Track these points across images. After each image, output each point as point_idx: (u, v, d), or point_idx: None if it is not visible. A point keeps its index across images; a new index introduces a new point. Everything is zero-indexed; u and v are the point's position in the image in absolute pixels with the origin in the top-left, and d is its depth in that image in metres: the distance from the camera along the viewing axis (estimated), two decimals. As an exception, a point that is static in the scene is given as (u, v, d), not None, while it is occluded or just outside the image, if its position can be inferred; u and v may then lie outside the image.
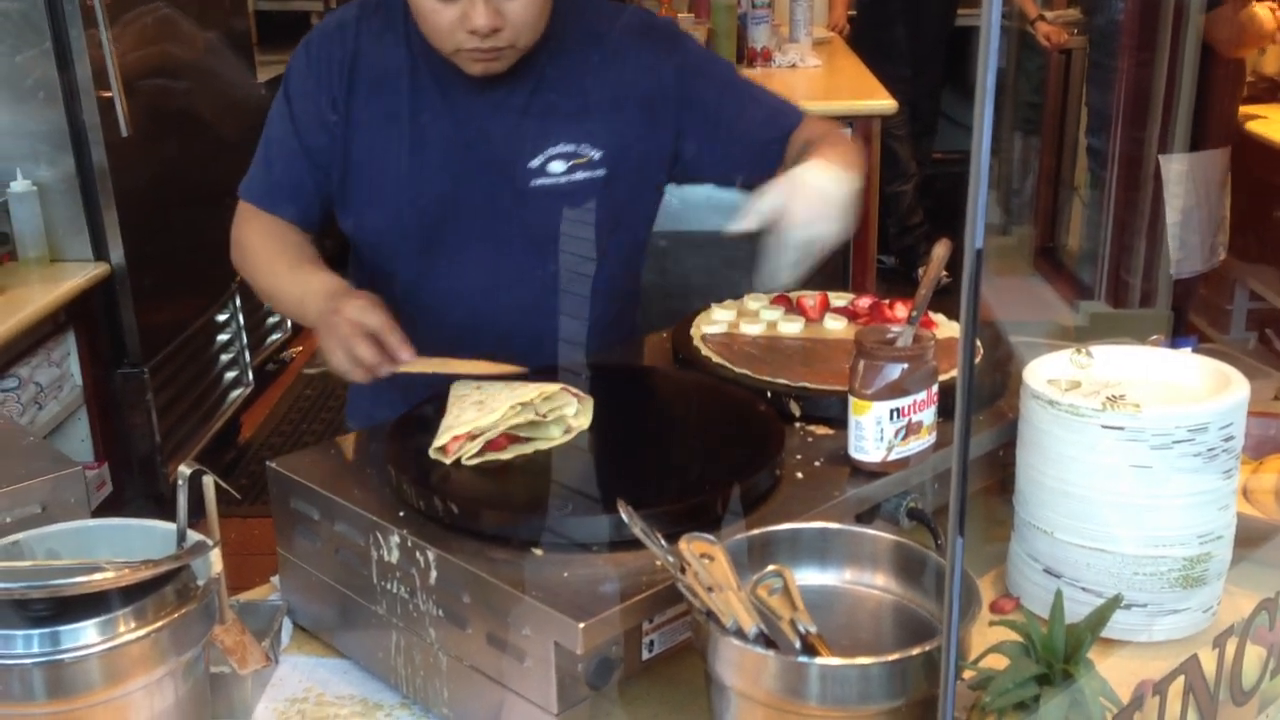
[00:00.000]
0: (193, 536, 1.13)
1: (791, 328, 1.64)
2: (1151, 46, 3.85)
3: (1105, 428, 1.22)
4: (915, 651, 0.98)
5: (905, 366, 1.29)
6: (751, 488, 1.25)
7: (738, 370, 1.51)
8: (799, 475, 1.32)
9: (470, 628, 1.15)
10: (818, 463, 1.35)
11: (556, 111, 1.62)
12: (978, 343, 1.51)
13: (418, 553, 1.18)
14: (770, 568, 1.07)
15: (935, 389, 1.32)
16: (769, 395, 1.45)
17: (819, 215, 1.41)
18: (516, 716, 1.13)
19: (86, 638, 1.02)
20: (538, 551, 1.16)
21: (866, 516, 1.31)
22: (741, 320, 1.66)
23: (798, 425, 1.43)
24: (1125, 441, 1.22)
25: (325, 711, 1.25)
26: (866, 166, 1.69)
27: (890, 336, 1.33)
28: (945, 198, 5.51)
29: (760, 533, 1.16)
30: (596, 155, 1.62)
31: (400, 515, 1.23)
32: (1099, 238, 4.27)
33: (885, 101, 3.79)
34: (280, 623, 1.34)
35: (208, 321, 3.78)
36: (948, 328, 1.61)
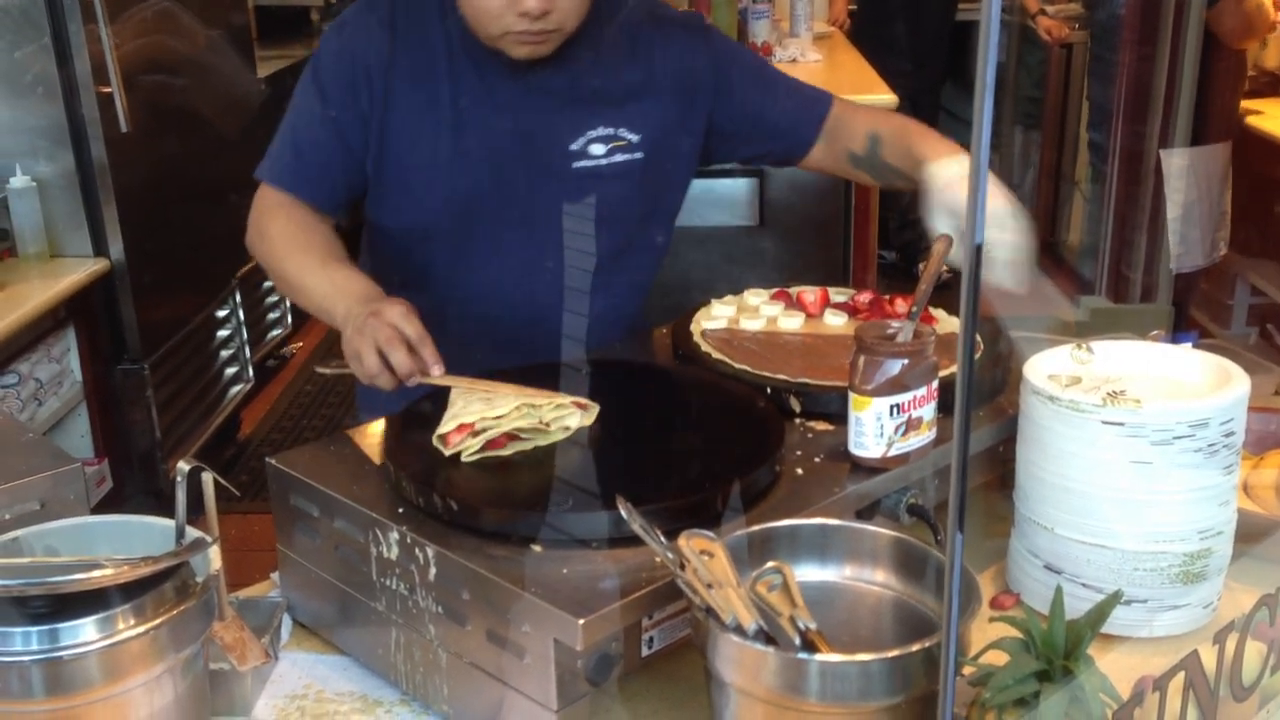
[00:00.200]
0: (192, 533, 1.13)
1: (791, 323, 1.63)
2: (1153, 41, 3.84)
3: (1105, 423, 1.22)
4: (915, 648, 0.98)
5: (905, 362, 1.28)
6: (751, 484, 1.25)
7: (738, 366, 1.51)
8: (799, 471, 1.32)
9: (470, 624, 1.15)
10: (817, 459, 1.34)
11: (595, 96, 1.64)
12: (978, 338, 1.51)
13: (417, 549, 1.18)
14: (770, 564, 1.07)
15: (935, 384, 1.32)
16: (769, 391, 1.45)
17: (1002, 214, 1.45)
18: (516, 713, 1.13)
19: (85, 635, 1.02)
20: (537, 548, 1.16)
21: (866, 512, 1.31)
22: (741, 316, 1.66)
23: (798, 421, 1.43)
24: (1126, 437, 1.22)
25: (325, 708, 1.25)
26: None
27: (890, 332, 1.33)
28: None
29: (760, 529, 1.16)
30: (635, 139, 1.66)
31: (400, 512, 1.23)
32: (1100, 232, 4.27)
33: (886, 96, 3.78)
34: (280, 619, 1.34)
35: (208, 317, 3.78)
36: (948, 323, 1.61)
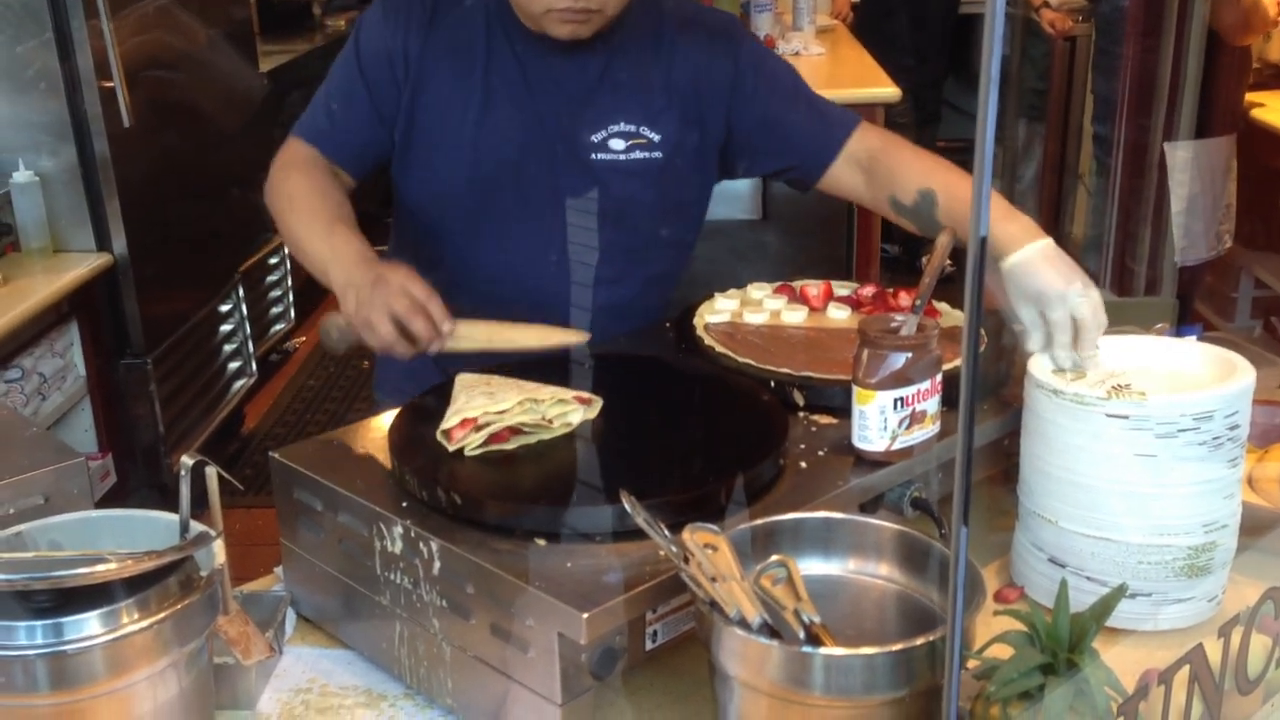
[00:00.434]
0: (196, 527, 1.13)
1: (795, 317, 1.63)
2: (1157, 33, 3.83)
3: (1110, 416, 1.22)
4: (919, 641, 0.98)
5: (909, 355, 1.28)
6: (755, 477, 1.25)
7: (741, 359, 1.51)
8: (802, 465, 1.32)
9: (474, 618, 1.15)
10: (821, 452, 1.34)
11: (622, 90, 1.65)
12: (981, 331, 1.51)
13: (421, 543, 1.18)
14: (774, 557, 1.07)
15: (939, 378, 1.32)
16: (772, 384, 1.45)
17: (1065, 276, 1.37)
18: (520, 707, 1.13)
19: (90, 629, 1.02)
20: (541, 542, 1.16)
21: (870, 506, 1.31)
22: (745, 309, 1.66)
23: (801, 415, 1.42)
24: (1130, 430, 1.21)
25: (329, 702, 1.25)
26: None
27: (894, 325, 1.33)
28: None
29: (764, 522, 1.16)
30: (655, 138, 1.66)
31: (403, 506, 1.23)
32: (1104, 225, 4.25)
33: (889, 90, 3.77)
34: (284, 613, 1.34)
35: (211, 312, 3.78)
36: (951, 316, 1.61)
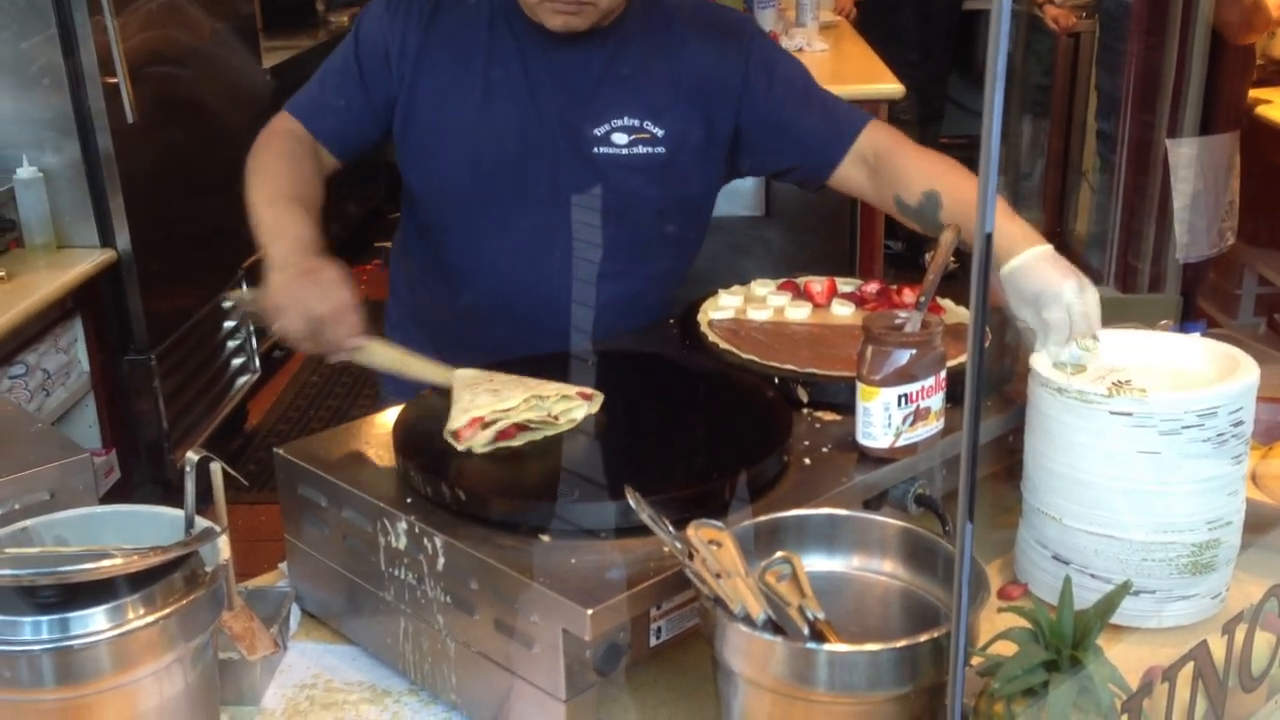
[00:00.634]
0: (200, 523, 1.13)
1: (799, 313, 1.63)
2: (1161, 30, 3.82)
3: (1113, 413, 1.22)
4: (924, 638, 0.98)
5: (913, 352, 1.28)
6: (759, 474, 1.25)
7: (745, 356, 1.51)
8: (807, 461, 1.32)
9: (478, 614, 1.15)
10: (825, 449, 1.34)
11: (626, 84, 1.65)
12: (985, 328, 1.50)
13: (425, 539, 1.18)
14: (778, 554, 1.07)
15: (943, 375, 1.32)
16: (777, 381, 1.45)
17: (1060, 276, 1.38)
18: (524, 703, 1.13)
19: (95, 624, 1.02)
20: (545, 538, 1.16)
21: (874, 503, 1.31)
22: (749, 306, 1.66)
23: (805, 411, 1.42)
24: (1133, 427, 1.21)
25: (333, 698, 1.25)
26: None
27: (898, 322, 1.32)
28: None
29: (768, 519, 1.16)
30: (659, 133, 1.65)
31: (408, 502, 1.23)
32: (1107, 222, 4.24)
33: (893, 86, 3.77)
34: (288, 609, 1.35)
35: (214, 308, 3.78)
36: (955, 313, 1.61)
